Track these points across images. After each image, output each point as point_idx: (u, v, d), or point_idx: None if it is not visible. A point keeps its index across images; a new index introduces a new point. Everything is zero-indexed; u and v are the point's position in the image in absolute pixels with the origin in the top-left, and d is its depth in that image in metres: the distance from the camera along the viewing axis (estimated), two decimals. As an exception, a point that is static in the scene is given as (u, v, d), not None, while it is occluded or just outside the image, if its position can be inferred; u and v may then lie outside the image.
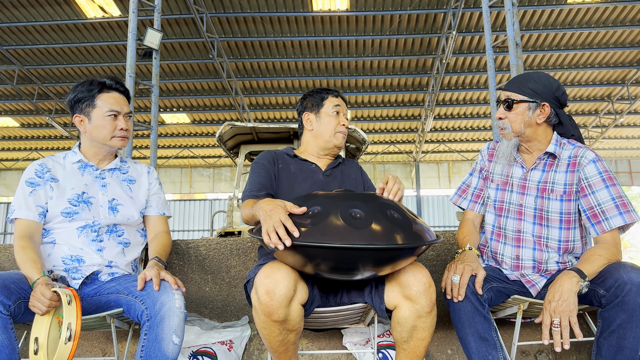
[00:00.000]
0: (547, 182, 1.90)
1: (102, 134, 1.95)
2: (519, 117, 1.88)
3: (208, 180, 19.78)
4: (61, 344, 1.45)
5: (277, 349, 1.63)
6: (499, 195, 2.03)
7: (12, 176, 19.65)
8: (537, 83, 1.88)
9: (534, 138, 1.92)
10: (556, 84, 1.89)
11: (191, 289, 2.56)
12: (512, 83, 1.94)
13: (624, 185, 19.53)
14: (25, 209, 1.86)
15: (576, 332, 1.54)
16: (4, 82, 12.81)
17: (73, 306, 1.51)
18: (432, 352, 2.40)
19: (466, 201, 2.16)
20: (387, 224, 1.45)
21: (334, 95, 2.14)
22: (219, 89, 13.72)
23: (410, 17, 10.74)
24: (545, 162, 1.93)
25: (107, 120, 1.94)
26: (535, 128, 1.90)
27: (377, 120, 15.85)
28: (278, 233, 1.41)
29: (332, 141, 2.10)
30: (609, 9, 10.34)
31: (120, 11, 10.32)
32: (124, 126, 1.97)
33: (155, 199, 2.14)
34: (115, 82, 1.99)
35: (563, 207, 1.87)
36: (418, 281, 1.61)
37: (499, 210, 2.01)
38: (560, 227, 1.87)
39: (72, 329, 1.47)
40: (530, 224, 1.92)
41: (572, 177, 1.86)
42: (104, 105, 1.94)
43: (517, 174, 1.98)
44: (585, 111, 15.13)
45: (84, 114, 1.95)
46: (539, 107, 1.87)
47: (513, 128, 1.90)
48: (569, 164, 1.88)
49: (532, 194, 1.93)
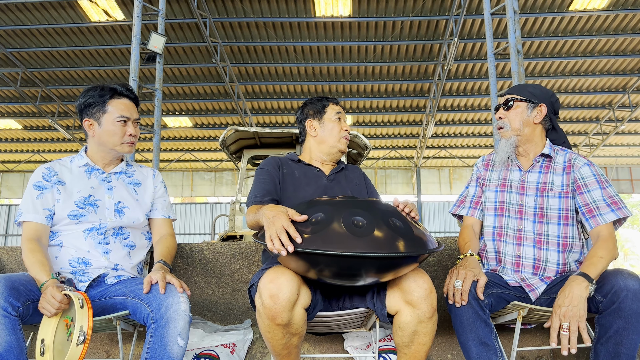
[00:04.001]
0: (545, 182, 2.01)
1: (112, 139, 1.99)
2: (518, 115, 2.03)
3: (209, 184, 19.80)
4: (72, 346, 1.47)
5: (280, 352, 1.66)
6: (498, 196, 2.10)
7: (15, 178, 19.69)
8: (535, 88, 2.06)
9: (531, 139, 2.05)
10: (551, 92, 2.07)
11: (195, 292, 2.59)
12: (512, 88, 2.12)
13: (625, 192, 19.53)
14: (33, 212, 1.89)
15: (584, 337, 1.58)
16: (7, 84, 12.86)
17: (85, 310, 1.53)
18: (433, 357, 2.42)
19: (465, 209, 2.22)
20: (389, 232, 1.47)
21: (334, 103, 2.20)
22: (221, 93, 13.77)
23: (413, 23, 10.79)
24: (541, 164, 2.05)
25: (117, 126, 1.97)
26: (533, 128, 2.04)
27: (379, 125, 15.88)
28: (281, 239, 1.44)
29: (337, 146, 2.15)
30: (610, 16, 10.38)
31: (124, 15, 10.37)
32: (133, 132, 2.01)
33: (160, 202, 2.17)
34: (126, 89, 2.04)
35: (561, 204, 1.96)
36: (419, 287, 1.63)
37: (500, 211, 2.08)
38: (559, 224, 1.95)
39: (85, 331, 1.49)
40: (530, 222, 1.99)
41: (567, 178, 1.98)
42: (114, 111, 1.97)
43: (515, 177, 2.08)
44: (586, 118, 15.15)
45: (94, 118, 1.98)
46: (536, 107, 2.03)
47: (512, 126, 2.03)
48: (565, 167, 2.00)
49: (531, 194, 2.02)
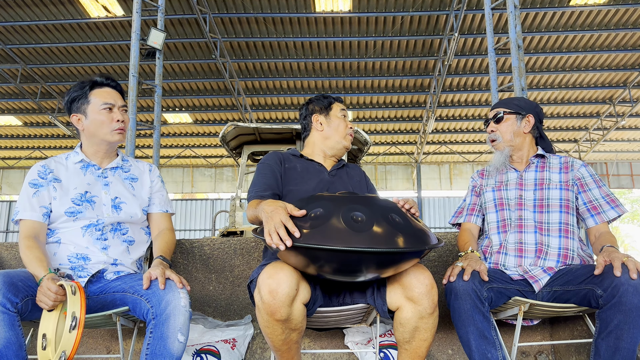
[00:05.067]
0: (543, 178, 2.11)
1: (100, 129, 1.99)
2: (509, 127, 2.17)
3: (210, 180, 19.80)
4: (65, 333, 1.48)
5: (280, 348, 1.66)
6: (496, 194, 2.19)
7: (15, 175, 19.69)
8: (520, 101, 2.22)
9: (522, 147, 2.18)
10: (535, 103, 2.24)
11: (195, 287, 2.59)
12: (499, 103, 2.26)
13: (626, 187, 19.53)
14: (29, 210, 1.89)
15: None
16: (7, 80, 12.84)
17: (77, 296, 1.53)
18: (433, 352, 2.42)
19: (462, 217, 2.32)
20: (388, 227, 1.47)
21: (339, 101, 2.25)
22: (221, 89, 13.75)
23: (413, 18, 10.76)
24: (537, 164, 2.16)
25: (103, 114, 1.98)
26: (523, 137, 2.17)
27: (379, 121, 15.86)
28: (279, 234, 1.44)
29: (342, 142, 2.18)
30: (611, 11, 10.34)
31: (123, 11, 10.34)
32: (120, 118, 2.01)
33: (158, 197, 2.16)
34: (106, 79, 2.05)
35: (562, 195, 2.05)
36: (420, 283, 1.63)
37: (500, 206, 2.16)
38: (561, 211, 2.03)
39: (77, 317, 1.50)
40: (530, 212, 2.06)
41: (566, 176, 2.09)
42: (97, 100, 1.98)
43: (512, 177, 2.18)
44: (587, 114, 15.13)
45: (80, 112, 1.99)
46: (524, 118, 2.17)
47: (504, 137, 2.17)
48: (561, 167, 2.11)
49: (530, 188, 2.11)
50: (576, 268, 1.88)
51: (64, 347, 1.48)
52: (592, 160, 18.91)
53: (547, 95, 13.95)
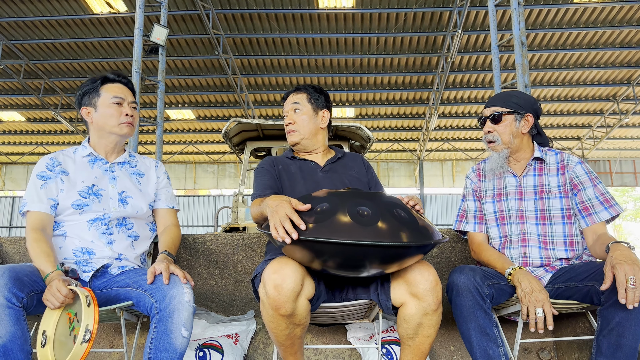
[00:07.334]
0: (542, 185, 2.04)
1: (109, 122, 2.00)
2: (508, 128, 2.04)
3: (212, 176, 19.83)
4: (77, 344, 1.47)
5: (284, 343, 1.66)
6: (496, 206, 2.12)
7: (18, 170, 19.75)
8: (519, 98, 2.07)
9: (520, 148, 2.08)
10: (533, 99, 2.11)
11: (198, 282, 2.60)
12: (496, 99, 2.10)
13: (629, 185, 19.49)
14: (37, 202, 1.90)
15: None
16: (10, 76, 12.86)
17: (92, 308, 1.53)
18: (435, 349, 2.43)
19: (470, 224, 2.18)
20: (393, 222, 1.47)
21: None
22: (224, 85, 13.75)
23: (416, 15, 10.73)
24: (534, 168, 2.08)
25: (113, 107, 2.00)
26: (521, 138, 2.07)
27: (382, 118, 15.84)
28: (285, 227, 1.44)
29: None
30: (615, 8, 10.30)
31: (126, 7, 10.35)
32: (129, 112, 2.03)
33: (164, 192, 2.18)
34: (117, 75, 2.08)
35: (563, 204, 1.99)
36: (425, 279, 1.63)
37: (501, 220, 2.09)
38: (564, 223, 1.98)
39: (90, 330, 1.50)
40: (533, 225, 2.01)
41: (563, 178, 2.02)
42: (108, 94, 2.01)
43: (511, 183, 2.10)
44: (590, 111, 15.09)
45: (90, 105, 2.02)
46: (523, 118, 2.05)
47: (503, 140, 2.05)
48: (558, 167, 2.04)
49: (529, 198, 2.04)
50: (578, 265, 1.88)
51: (73, 358, 1.48)
52: (596, 158, 18.87)
53: (550, 92, 13.92)
